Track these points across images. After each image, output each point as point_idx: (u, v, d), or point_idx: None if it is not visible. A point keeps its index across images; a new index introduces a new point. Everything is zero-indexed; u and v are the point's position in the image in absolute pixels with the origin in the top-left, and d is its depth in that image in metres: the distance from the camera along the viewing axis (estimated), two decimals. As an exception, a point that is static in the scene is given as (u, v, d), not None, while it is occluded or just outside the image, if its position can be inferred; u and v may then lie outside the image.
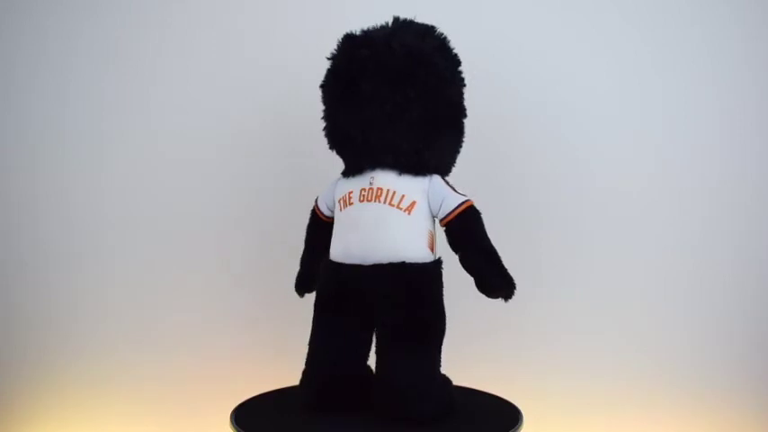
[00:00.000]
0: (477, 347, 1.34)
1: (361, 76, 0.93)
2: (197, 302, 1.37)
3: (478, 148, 1.29)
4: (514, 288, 0.91)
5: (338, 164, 1.01)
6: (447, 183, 0.95)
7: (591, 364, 1.36)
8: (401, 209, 0.91)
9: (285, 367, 1.16)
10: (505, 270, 0.92)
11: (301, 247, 1.05)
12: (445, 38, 0.96)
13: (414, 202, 0.91)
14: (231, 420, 0.91)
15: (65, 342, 1.38)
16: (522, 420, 0.91)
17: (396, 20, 0.97)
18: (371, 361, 0.94)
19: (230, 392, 1.01)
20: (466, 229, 0.93)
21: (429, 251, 0.92)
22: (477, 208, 0.94)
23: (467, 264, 0.92)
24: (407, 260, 0.89)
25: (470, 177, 1.06)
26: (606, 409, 1.36)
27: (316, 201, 1.04)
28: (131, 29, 1.37)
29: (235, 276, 1.38)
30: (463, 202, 0.92)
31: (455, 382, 0.96)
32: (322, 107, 0.99)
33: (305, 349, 0.97)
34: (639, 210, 1.36)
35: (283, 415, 0.94)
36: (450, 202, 0.92)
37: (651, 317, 1.36)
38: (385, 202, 0.91)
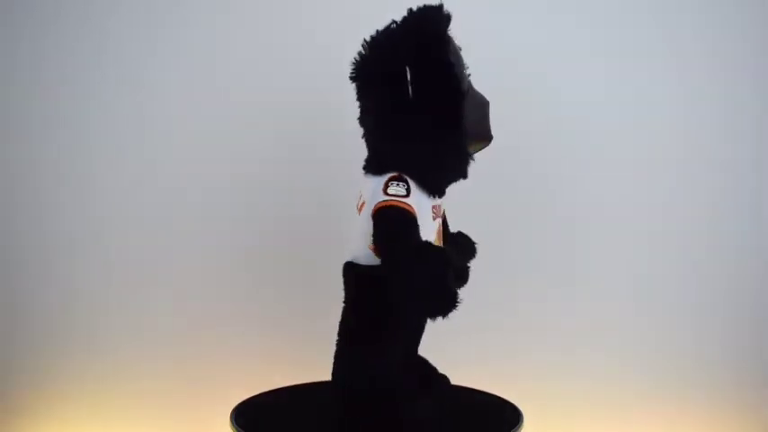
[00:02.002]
0: (477, 347, 1.34)
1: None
2: (197, 302, 1.37)
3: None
4: (416, 302, 0.78)
5: (338, 165, 1.01)
6: (389, 182, 0.83)
7: (591, 365, 1.36)
8: (357, 209, 0.89)
9: (285, 367, 1.16)
10: (402, 285, 0.78)
11: (303, 246, 1.04)
12: (414, 22, 0.85)
13: (363, 203, 0.88)
14: (231, 420, 0.90)
15: (65, 342, 1.38)
16: (522, 420, 0.90)
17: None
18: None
19: (230, 392, 1.00)
20: (374, 233, 0.82)
21: (370, 252, 0.84)
22: (401, 211, 0.81)
23: None
24: (353, 260, 0.88)
25: (471, 177, 1.06)
26: (606, 409, 1.36)
27: None
28: (132, 28, 1.37)
29: (235, 276, 1.38)
30: (378, 202, 0.82)
31: (456, 382, 0.96)
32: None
33: (305, 349, 0.97)
34: (642, 211, 1.36)
35: (283, 415, 0.94)
36: (371, 203, 0.84)
37: (652, 318, 1.36)
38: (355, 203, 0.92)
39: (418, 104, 0.84)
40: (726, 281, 1.35)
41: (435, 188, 0.87)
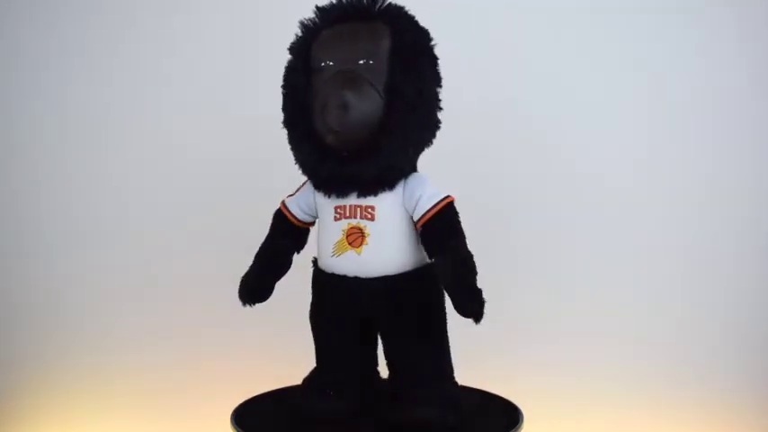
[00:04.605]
0: (477, 346, 1.34)
1: None
2: (197, 302, 1.37)
3: (468, 147, 1.29)
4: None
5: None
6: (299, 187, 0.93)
7: (592, 364, 1.36)
8: None
9: (285, 367, 1.16)
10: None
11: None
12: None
13: None
14: (231, 420, 0.90)
15: (65, 342, 1.38)
16: (522, 420, 0.90)
17: None
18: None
19: (230, 392, 1.00)
20: None
21: None
22: (278, 211, 0.94)
23: None
24: None
25: (463, 177, 1.06)
26: (607, 408, 1.36)
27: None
28: (132, 27, 1.37)
29: (235, 275, 1.38)
30: None
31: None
32: None
33: (305, 349, 0.97)
34: (642, 210, 1.36)
35: (283, 415, 0.94)
36: None
37: (653, 317, 1.36)
38: None
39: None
40: (726, 279, 1.35)
41: (318, 187, 0.88)
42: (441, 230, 0.84)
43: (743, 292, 1.35)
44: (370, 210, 0.86)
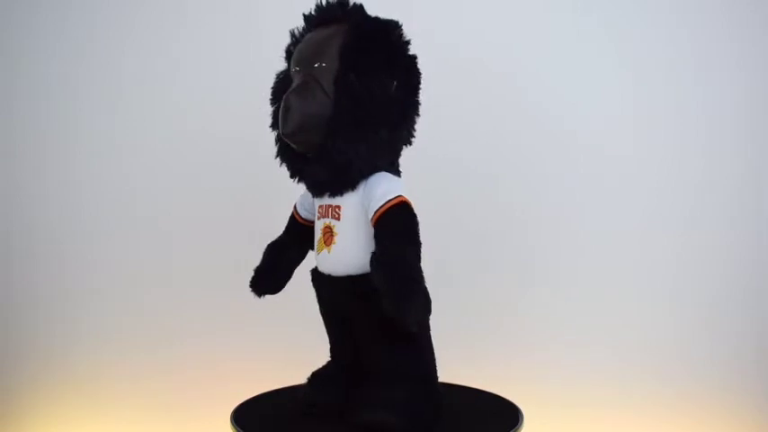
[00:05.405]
0: (477, 347, 1.34)
1: None
2: (197, 302, 1.37)
3: (466, 145, 1.29)
4: None
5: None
6: None
7: (591, 364, 1.36)
8: None
9: (285, 367, 1.16)
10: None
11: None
12: None
13: None
14: (231, 420, 0.91)
15: (65, 343, 1.38)
16: (522, 420, 0.90)
17: None
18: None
19: (230, 392, 1.01)
20: None
21: None
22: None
23: None
24: None
25: (462, 175, 1.05)
26: (606, 408, 1.36)
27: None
28: (133, 27, 1.37)
29: (236, 275, 1.38)
30: None
31: (454, 381, 0.96)
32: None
33: (305, 349, 0.97)
34: (643, 211, 1.36)
35: (283, 415, 0.94)
36: None
37: (652, 317, 1.36)
38: None
39: None
40: (725, 279, 1.36)
41: (307, 187, 0.89)
42: (386, 230, 0.80)
43: (742, 291, 1.35)
44: (337, 209, 0.86)
